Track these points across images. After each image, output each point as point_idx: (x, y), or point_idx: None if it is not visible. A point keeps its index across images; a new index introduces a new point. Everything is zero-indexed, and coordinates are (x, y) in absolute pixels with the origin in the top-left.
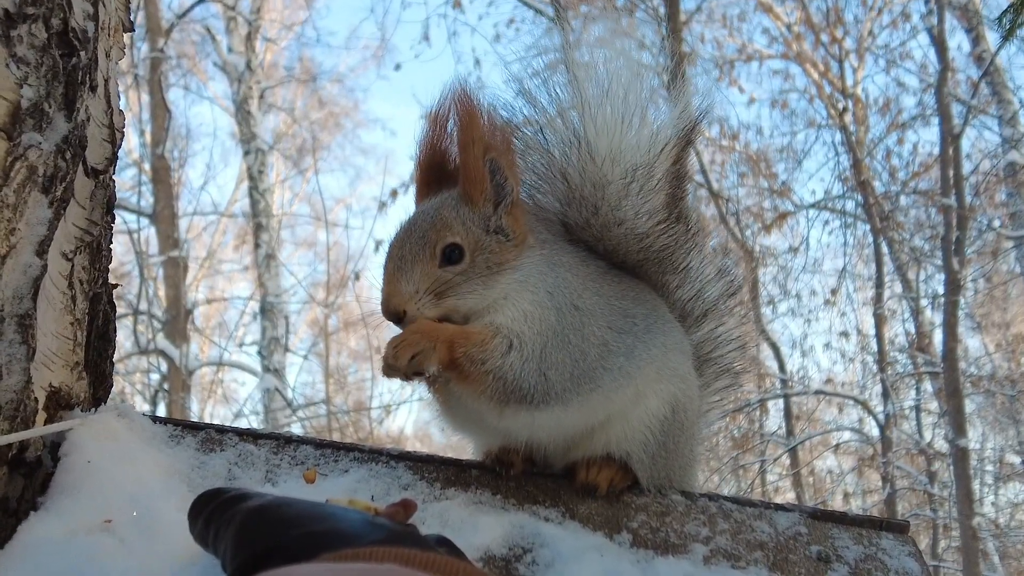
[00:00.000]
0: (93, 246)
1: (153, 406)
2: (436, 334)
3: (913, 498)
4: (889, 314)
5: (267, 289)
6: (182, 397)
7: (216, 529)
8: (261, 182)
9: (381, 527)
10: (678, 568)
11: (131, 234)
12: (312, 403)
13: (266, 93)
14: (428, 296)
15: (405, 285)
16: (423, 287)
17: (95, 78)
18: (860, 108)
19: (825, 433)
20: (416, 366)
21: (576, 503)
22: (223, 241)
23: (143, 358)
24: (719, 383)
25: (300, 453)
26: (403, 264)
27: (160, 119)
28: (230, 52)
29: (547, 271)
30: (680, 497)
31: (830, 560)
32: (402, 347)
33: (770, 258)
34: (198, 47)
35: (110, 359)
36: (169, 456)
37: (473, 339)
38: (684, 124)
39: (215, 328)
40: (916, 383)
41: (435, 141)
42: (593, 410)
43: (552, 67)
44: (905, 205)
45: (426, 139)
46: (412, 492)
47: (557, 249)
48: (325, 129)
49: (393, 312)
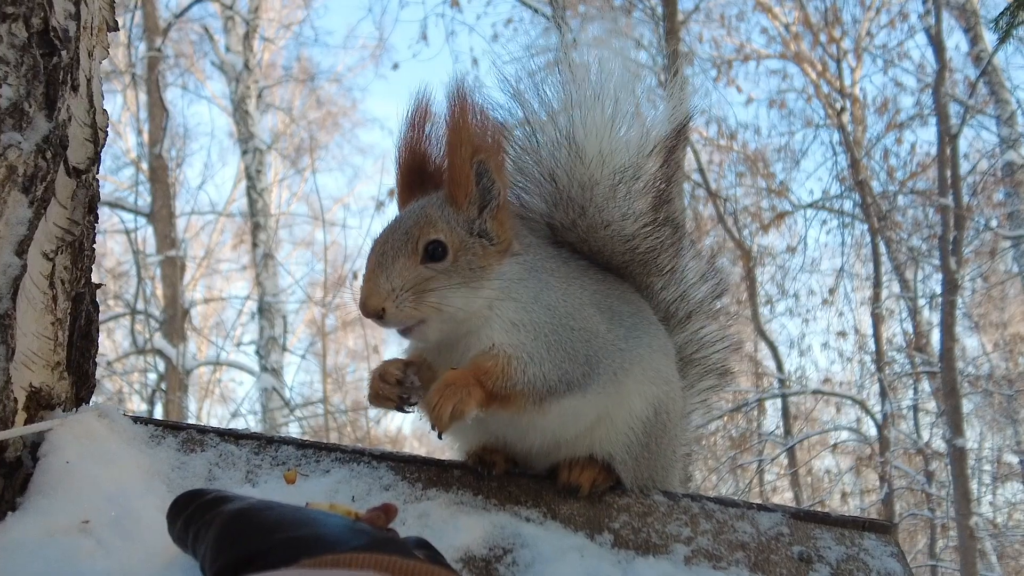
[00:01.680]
0: (75, 246)
1: (150, 406)
2: (465, 380)
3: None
4: (887, 314)
5: (265, 289)
6: (179, 397)
7: (196, 531)
8: (259, 181)
9: (362, 533)
10: (658, 568)
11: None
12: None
13: (264, 93)
14: (408, 293)
15: (384, 282)
16: (403, 284)
17: (77, 77)
18: (858, 108)
19: (823, 433)
20: (457, 417)
21: (558, 503)
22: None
23: (140, 357)
24: (703, 384)
25: (281, 453)
26: (384, 259)
27: (158, 118)
28: (228, 51)
29: (529, 277)
30: (662, 497)
31: (812, 560)
32: (441, 404)
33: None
34: (196, 46)
35: (93, 359)
36: (149, 456)
37: (493, 372)
38: (672, 125)
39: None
40: (914, 383)
41: (414, 143)
42: (609, 394)
43: (548, 68)
44: (903, 205)
45: (405, 142)
46: (393, 492)
47: (542, 254)
48: (323, 128)
49: (372, 311)
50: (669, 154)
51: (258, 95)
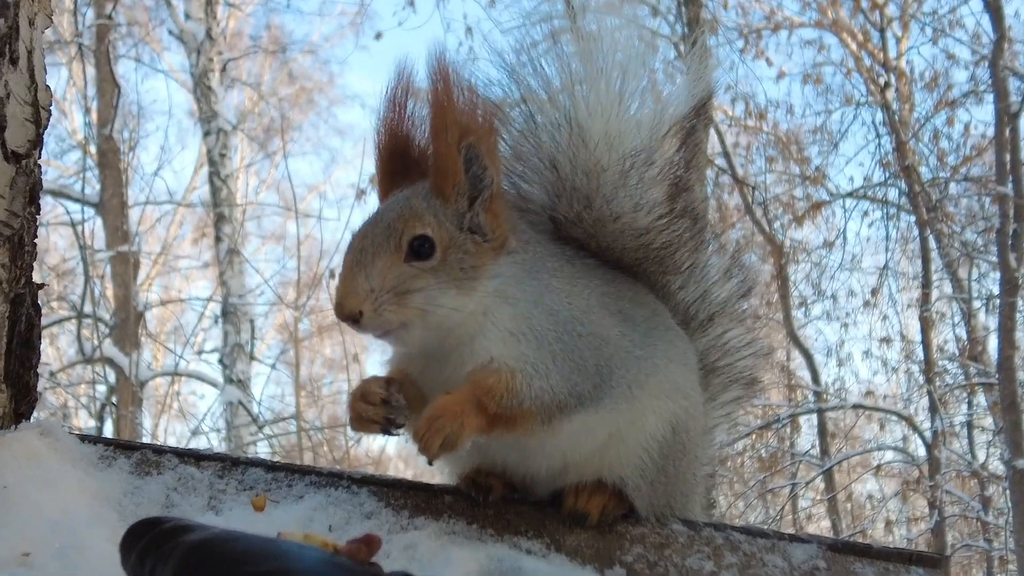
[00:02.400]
0: (14, 240)
1: (99, 422)
2: (459, 407)
3: (964, 527)
4: (937, 318)
5: (230, 289)
6: (132, 412)
7: (152, 566)
8: (223, 167)
9: (341, 568)
10: None
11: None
12: (281, 418)
13: (229, 66)
14: (389, 295)
15: (363, 281)
16: (384, 284)
17: (16, 49)
18: (904, 83)
19: (864, 453)
20: (449, 449)
21: (563, 534)
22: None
23: (88, 367)
24: (727, 395)
25: (249, 477)
26: (363, 257)
27: (108, 95)
28: (188, 19)
29: (528, 279)
30: (681, 527)
31: None
32: (430, 437)
33: (802, 254)
34: (151, 13)
35: (34, 369)
36: (99, 480)
37: (497, 390)
38: (692, 103)
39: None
40: (968, 396)
41: (395, 125)
42: (620, 411)
43: (550, 38)
44: (955, 194)
45: (384, 123)
46: (376, 521)
47: (542, 252)
48: (296, 107)
49: (347, 314)
50: (688, 136)
51: (222, 69)
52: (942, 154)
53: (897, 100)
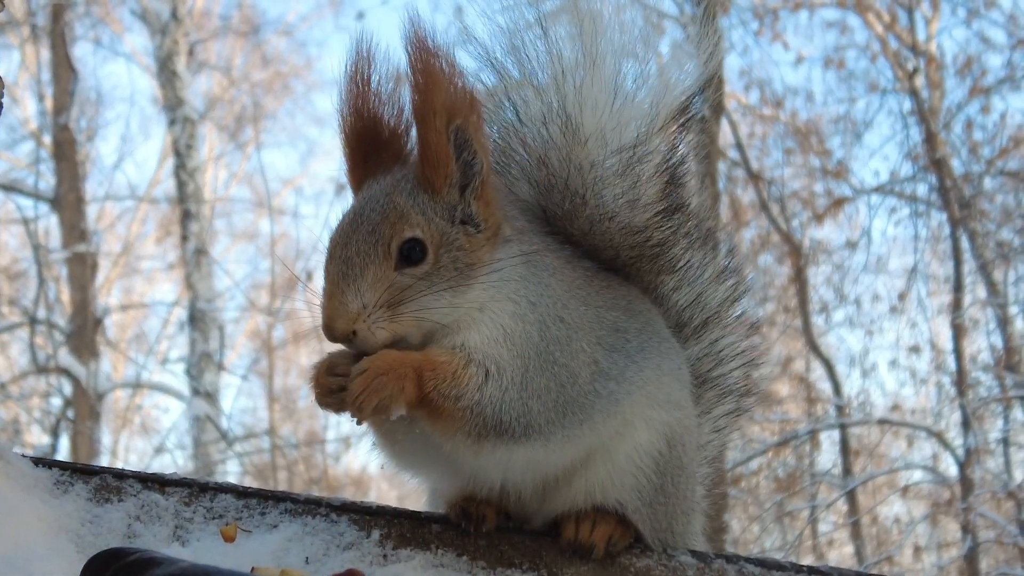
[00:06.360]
0: None
1: (54, 438)
2: (405, 370)
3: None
4: (970, 324)
5: (197, 292)
6: (90, 427)
7: None
8: (190, 159)
9: None
10: None
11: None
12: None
13: (196, 48)
14: (382, 310)
15: (352, 299)
16: (376, 298)
17: None
18: (934, 69)
19: (891, 472)
20: (381, 412)
21: (561, 566)
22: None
23: (42, 378)
24: (721, 408)
25: (218, 503)
26: (350, 269)
27: (64, 80)
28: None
29: (528, 274)
30: (690, 558)
31: None
32: (367, 394)
33: (822, 255)
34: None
35: None
36: (54, 508)
37: (442, 371)
38: (693, 89)
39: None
40: (1004, 410)
41: (360, 105)
42: (577, 445)
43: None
44: (990, 189)
45: (348, 104)
46: (357, 553)
47: (539, 244)
48: (270, 93)
49: (340, 335)
50: (682, 127)
51: (189, 51)
52: (976, 146)
53: (927, 87)
